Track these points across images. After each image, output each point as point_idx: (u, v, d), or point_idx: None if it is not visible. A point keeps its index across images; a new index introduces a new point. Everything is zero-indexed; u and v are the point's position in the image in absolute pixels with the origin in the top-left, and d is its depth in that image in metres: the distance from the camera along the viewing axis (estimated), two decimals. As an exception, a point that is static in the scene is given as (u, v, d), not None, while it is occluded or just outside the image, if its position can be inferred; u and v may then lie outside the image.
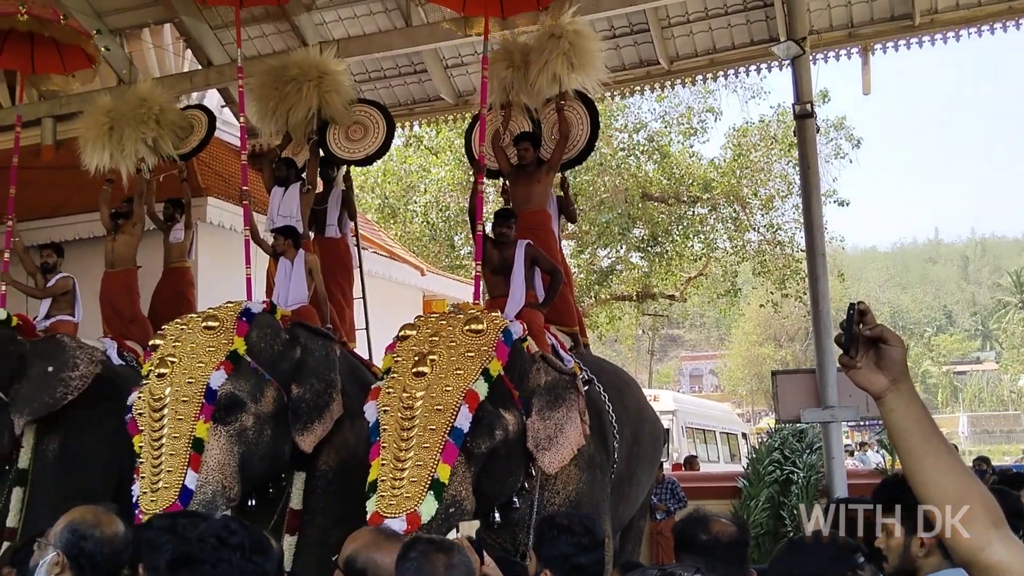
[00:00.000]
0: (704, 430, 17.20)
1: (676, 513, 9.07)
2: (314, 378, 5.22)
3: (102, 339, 7.24)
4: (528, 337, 4.90)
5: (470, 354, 4.44)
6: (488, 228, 6.38)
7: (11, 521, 5.73)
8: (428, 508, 4.04)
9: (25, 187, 7.54)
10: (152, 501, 4.38)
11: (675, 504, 9.18)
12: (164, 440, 4.54)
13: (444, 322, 4.65)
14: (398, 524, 3.92)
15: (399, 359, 4.52)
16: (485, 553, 2.77)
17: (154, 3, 10.43)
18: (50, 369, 5.95)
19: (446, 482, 4.11)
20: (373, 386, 4.61)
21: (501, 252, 6.10)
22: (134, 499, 4.51)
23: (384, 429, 4.31)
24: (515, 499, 4.70)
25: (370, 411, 4.45)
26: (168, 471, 4.46)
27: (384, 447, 4.26)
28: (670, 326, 43.12)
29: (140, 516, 4.32)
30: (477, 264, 5.87)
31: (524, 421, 4.59)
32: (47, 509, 5.70)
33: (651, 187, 19.91)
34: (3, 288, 7.05)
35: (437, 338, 4.51)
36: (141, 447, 4.64)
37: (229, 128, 11.85)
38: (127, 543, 2.66)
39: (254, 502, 5.17)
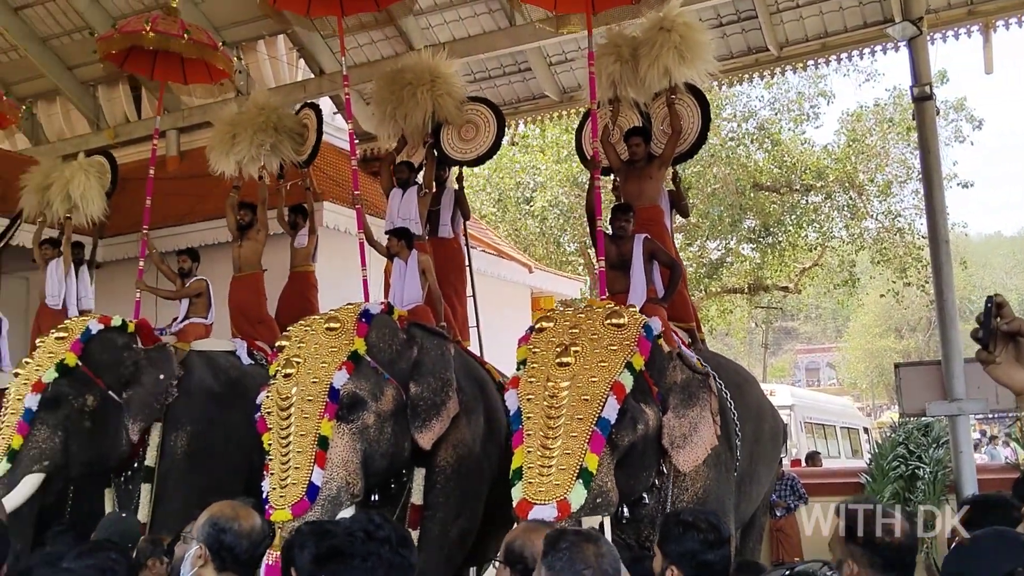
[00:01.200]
0: (823, 425, 16.68)
1: (796, 510, 8.86)
2: (431, 377, 5.32)
3: (233, 339, 7.56)
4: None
5: (613, 347, 4.45)
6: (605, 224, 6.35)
7: (141, 516, 5.97)
8: (577, 497, 4.04)
9: (152, 197, 7.92)
10: (281, 497, 4.54)
11: (795, 501, 8.96)
12: (291, 438, 4.70)
13: (583, 315, 4.66)
14: (548, 511, 3.95)
15: (537, 350, 4.54)
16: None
17: (268, 16, 10.80)
18: (160, 377, 6.20)
19: (594, 472, 4.11)
20: (512, 375, 4.62)
21: (619, 247, 6.08)
22: (264, 495, 4.68)
23: (528, 417, 4.32)
24: (644, 495, 4.68)
25: (511, 400, 4.47)
26: (296, 468, 4.61)
27: (529, 435, 4.27)
28: (784, 319, 42.04)
29: (270, 511, 4.49)
30: (600, 260, 5.85)
31: (661, 417, 4.58)
32: (175, 505, 6.01)
33: (762, 176, 19.47)
34: (138, 294, 7.42)
35: (577, 330, 4.53)
36: (270, 444, 4.83)
37: (341, 134, 12.15)
38: (265, 536, 2.77)
39: (376, 498, 5.29)
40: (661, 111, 6.97)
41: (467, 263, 8.09)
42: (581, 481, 4.07)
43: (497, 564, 2.86)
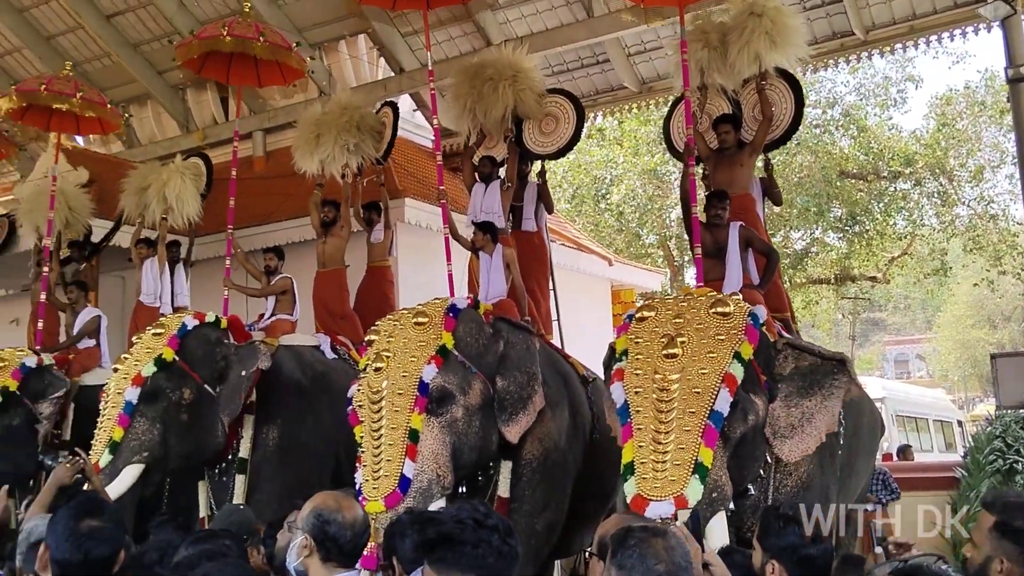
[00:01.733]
0: (916, 418, 16.20)
1: (888, 505, 8.63)
2: (517, 371, 5.34)
3: (317, 335, 7.72)
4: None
5: (720, 336, 4.39)
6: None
7: (236, 507, 6.13)
8: (694, 492, 3.99)
9: (238, 196, 8.14)
10: (374, 488, 4.62)
11: (887, 495, 8.72)
12: (383, 431, 4.78)
13: (685, 304, 4.60)
14: (665, 507, 3.92)
15: (641, 340, 4.50)
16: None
17: (352, 15, 10.97)
18: (244, 373, 6.30)
19: (709, 466, 4.05)
20: (615, 367, 4.57)
21: (714, 235, 6.01)
22: (357, 486, 4.77)
23: (638, 411, 4.28)
24: (749, 486, 4.62)
25: (617, 392, 4.42)
26: (388, 460, 4.68)
27: (640, 429, 4.22)
28: (872, 309, 40.89)
29: (363, 503, 4.57)
30: (697, 247, 5.77)
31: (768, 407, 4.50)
32: (269, 496, 6.19)
33: (848, 164, 19.00)
34: (226, 292, 7.65)
35: (682, 320, 4.47)
36: (362, 437, 4.91)
37: (421, 131, 12.29)
38: (367, 528, 2.82)
39: (464, 490, 5.35)
40: (752, 97, 6.86)
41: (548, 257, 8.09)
42: (697, 476, 4.01)
43: (592, 557, 2.85)
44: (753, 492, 4.63)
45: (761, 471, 4.65)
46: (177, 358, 6.04)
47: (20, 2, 12.49)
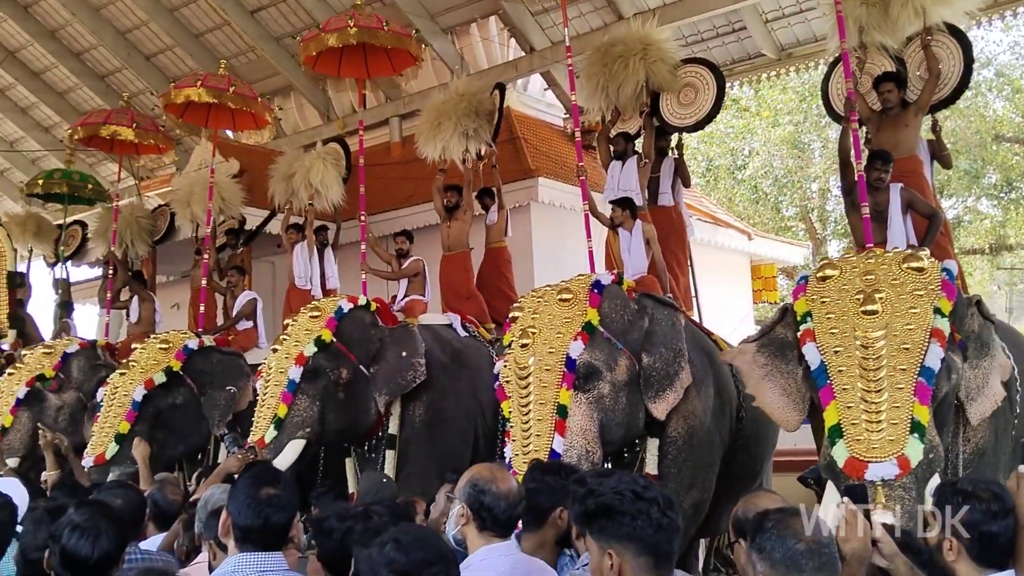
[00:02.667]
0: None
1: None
2: (663, 347, 5.27)
3: (447, 314, 7.87)
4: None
5: (918, 292, 4.20)
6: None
7: (387, 479, 6.34)
8: (914, 451, 3.81)
9: (377, 182, 8.38)
10: (524, 463, 4.64)
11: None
12: (531, 406, 4.80)
13: (873, 261, 4.42)
14: (887, 468, 3.78)
15: (828, 299, 4.34)
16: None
17: (480, -2, 11.07)
18: (404, 354, 6.49)
19: (926, 424, 3.88)
20: (803, 328, 4.40)
21: (875, 198, 5.76)
22: (507, 460, 4.83)
23: (840, 371, 4.10)
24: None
25: (812, 354, 4.25)
26: (537, 435, 4.70)
27: (845, 389, 4.05)
28: (1029, 281, 38.51)
29: (514, 476, 4.61)
30: (864, 206, 5.52)
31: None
32: (417, 468, 6.41)
33: (1003, 127, 17.85)
34: (364, 276, 7.88)
35: (874, 277, 4.30)
36: (510, 412, 4.96)
37: (552, 110, 12.29)
38: (521, 499, 2.86)
39: (609, 467, 5.33)
40: (916, 55, 6.52)
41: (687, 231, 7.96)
42: (916, 435, 3.83)
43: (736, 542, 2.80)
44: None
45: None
46: (335, 339, 6.25)
47: (171, 2, 13.17)
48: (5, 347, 10.07)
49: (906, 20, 6.13)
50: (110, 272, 10.17)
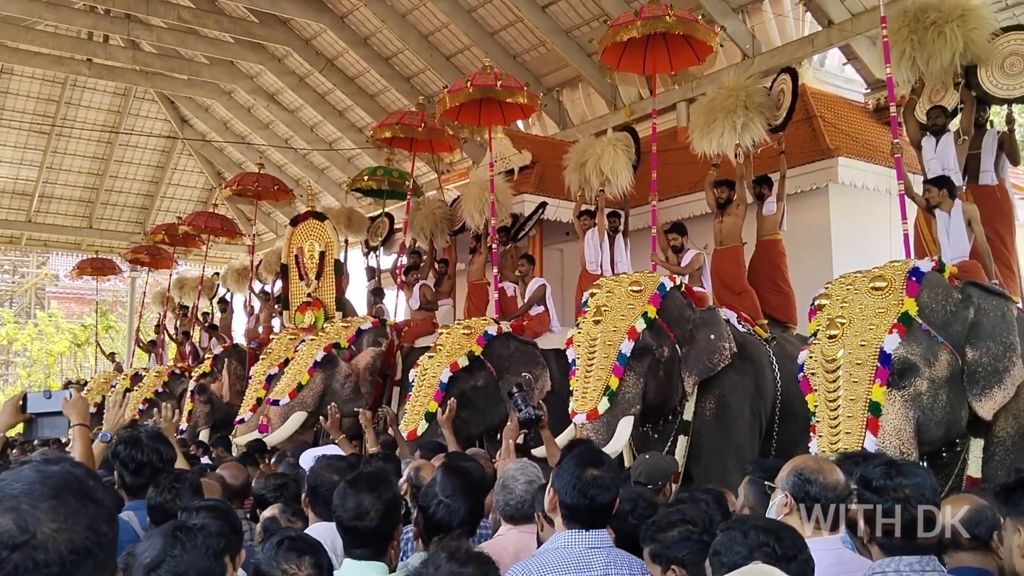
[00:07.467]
0: None
1: None
2: (991, 341, 4.82)
3: (723, 309, 7.68)
4: None
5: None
6: None
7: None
8: None
9: (664, 168, 8.34)
10: (832, 460, 4.48)
11: None
12: (840, 402, 4.60)
13: None
14: None
15: None
16: None
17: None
18: (712, 337, 6.53)
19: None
20: None
21: None
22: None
23: None
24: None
25: None
26: (847, 433, 4.50)
27: None
28: None
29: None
30: None
31: None
32: (708, 458, 6.44)
33: None
34: (652, 262, 7.88)
35: None
36: (816, 406, 4.77)
37: (852, 85, 11.60)
38: (849, 492, 2.74)
39: (926, 466, 4.98)
40: None
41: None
42: None
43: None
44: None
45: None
46: (658, 317, 6.34)
47: (468, 3, 13.90)
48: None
49: None
50: (401, 260, 11.29)
